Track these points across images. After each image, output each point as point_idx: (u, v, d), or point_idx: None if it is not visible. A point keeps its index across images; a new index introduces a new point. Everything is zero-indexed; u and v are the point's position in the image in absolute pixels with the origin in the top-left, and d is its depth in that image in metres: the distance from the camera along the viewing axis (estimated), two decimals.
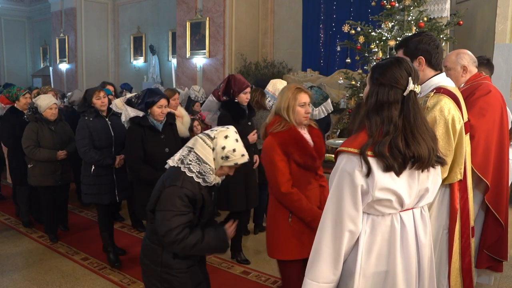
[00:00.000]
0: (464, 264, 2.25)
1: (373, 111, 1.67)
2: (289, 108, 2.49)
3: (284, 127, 2.48)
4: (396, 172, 1.61)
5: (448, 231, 2.19)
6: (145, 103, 3.36)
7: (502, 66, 5.64)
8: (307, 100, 2.55)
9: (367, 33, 5.63)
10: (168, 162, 2.22)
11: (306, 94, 2.54)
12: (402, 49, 2.29)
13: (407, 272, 1.68)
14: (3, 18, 17.52)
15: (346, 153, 1.65)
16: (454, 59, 2.96)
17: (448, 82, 2.29)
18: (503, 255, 2.95)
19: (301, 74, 9.31)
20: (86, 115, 3.91)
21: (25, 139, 4.28)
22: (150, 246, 2.24)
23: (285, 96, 2.53)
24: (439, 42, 2.29)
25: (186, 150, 2.17)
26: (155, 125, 3.41)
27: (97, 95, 3.92)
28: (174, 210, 2.07)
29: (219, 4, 9.82)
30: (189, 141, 2.21)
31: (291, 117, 2.49)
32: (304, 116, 2.53)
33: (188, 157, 2.12)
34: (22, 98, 4.89)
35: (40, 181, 4.34)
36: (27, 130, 4.31)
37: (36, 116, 4.34)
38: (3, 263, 3.97)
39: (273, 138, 2.49)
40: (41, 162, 4.29)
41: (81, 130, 3.86)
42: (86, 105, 3.96)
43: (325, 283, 1.69)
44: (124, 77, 14.15)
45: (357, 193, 1.61)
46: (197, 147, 2.13)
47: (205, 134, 2.17)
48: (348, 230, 1.64)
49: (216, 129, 2.20)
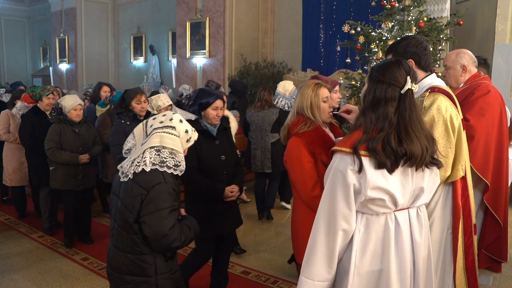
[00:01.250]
0: (468, 263, 2.24)
1: (369, 108, 1.69)
2: (313, 106, 2.38)
3: (310, 127, 2.37)
4: (388, 169, 1.62)
5: (452, 229, 2.19)
6: (199, 105, 2.96)
7: (502, 66, 5.64)
8: (328, 94, 2.44)
9: (367, 33, 5.62)
10: (131, 171, 2.02)
11: (326, 88, 2.44)
12: (391, 54, 2.31)
13: (402, 272, 1.69)
14: (3, 18, 17.53)
15: (339, 153, 1.68)
16: (454, 58, 2.97)
17: (439, 82, 2.30)
18: (503, 256, 2.95)
19: (301, 74, 9.30)
20: (123, 118, 3.60)
21: (47, 140, 4.14)
22: (135, 261, 2.04)
23: (305, 94, 2.42)
24: (427, 44, 2.31)
25: (154, 151, 2.02)
26: (208, 129, 2.99)
27: (138, 99, 3.63)
28: (169, 207, 2.00)
29: (219, 4, 9.83)
30: (148, 142, 2.04)
31: (317, 115, 2.39)
32: (329, 112, 2.43)
33: (160, 156, 2.03)
34: (45, 98, 4.71)
35: (61, 185, 4.19)
36: (50, 131, 4.17)
37: (60, 117, 4.19)
38: (3, 263, 3.97)
39: (299, 139, 2.36)
40: (63, 165, 4.14)
41: (117, 135, 3.50)
42: (124, 107, 3.67)
43: (320, 281, 1.70)
44: (124, 77, 14.17)
45: (349, 192, 1.63)
46: (167, 141, 2.04)
47: (163, 127, 2.06)
48: (342, 229, 1.66)
49: (163, 119, 2.09)
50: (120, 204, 2.06)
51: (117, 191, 2.11)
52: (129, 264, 2.06)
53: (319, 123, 2.40)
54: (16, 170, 5.16)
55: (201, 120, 2.97)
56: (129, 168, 2.03)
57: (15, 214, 5.35)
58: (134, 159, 2.04)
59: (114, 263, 2.10)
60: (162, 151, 2.03)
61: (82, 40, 13.94)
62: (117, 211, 2.07)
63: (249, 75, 9.80)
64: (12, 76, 16.86)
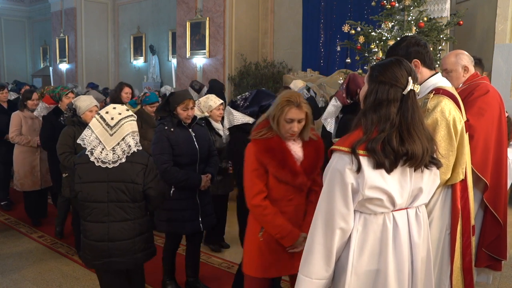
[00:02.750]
0: (465, 263, 2.25)
1: (370, 109, 1.68)
2: (275, 118, 2.26)
3: (267, 135, 2.28)
4: (386, 169, 1.62)
5: (450, 231, 2.20)
6: (260, 107, 2.71)
7: (502, 66, 5.64)
8: (296, 116, 2.24)
9: (367, 33, 5.62)
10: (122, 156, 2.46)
11: (297, 109, 2.23)
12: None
13: (399, 272, 1.69)
14: (3, 18, 17.54)
15: (338, 152, 1.67)
16: (454, 61, 2.96)
17: (445, 82, 2.29)
18: (503, 254, 2.96)
19: (301, 74, 9.30)
20: (166, 124, 3.17)
21: (60, 144, 3.81)
22: (142, 223, 2.57)
23: (276, 103, 2.29)
24: (425, 41, 2.29)
25: (130, 136, 2.47)
26: None
27: (185, 105, 3.16)
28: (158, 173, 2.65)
29: (219, 4, 9.83)
30: (121, 131, 2.44)
31: (276, 128, 2.27)
32: (289, 133, 2.27)
33: (134, 139, 2.50)
34: (65, 98, 4.46)
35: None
36: (63, 134, 3.84)
37: (74, 119, 3.85)
38: (3, 263, 3.98)
39: (252, 145, 2.30)
40: None
41: (160, 142, 3.12)
42: (167, 111, 3.23)
43: (318, 279, 1.71)
44: (124, 77, 14.15)
45: (347, 191, 1.63)
46: (134, 127, 2.50)
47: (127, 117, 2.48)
48: (339, 228, 1.66)
49: (120, 111, 2.49)
50: (121, 184, 2.45)
51: (104, 178, 2.45)
52: (138, 227, 2.54)
53: (280, 135, 2.30)
54: (28, 174, 4.89)
55: None
56: (118, 155, 2.44)
57: (15, 214, 5.35)
58: (115, 147, 2.44)
59: (124, 234, 2.49)
60: (134, 135, 2.51)
61: (82, 40, 13.94)
62: (117, 191, 2.45)
63: (249, 75, 9.79)
64: (12, 76, 16.85)
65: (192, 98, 3.24)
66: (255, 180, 2.28)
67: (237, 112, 2.77)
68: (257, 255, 2.35)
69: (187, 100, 3.14)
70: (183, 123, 3.19)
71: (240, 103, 2.76)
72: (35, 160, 4.86)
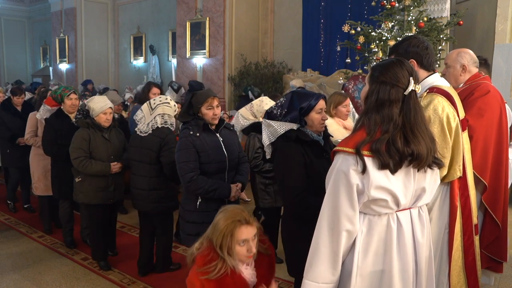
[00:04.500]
0: (468, 262, 2.24)
1: (372, 110, 1.66)
2: (224, 248, 1.86)
3: (221, 271, 1.86)
4: (391, 170, 1.61)
5: (449, 229, 2.19)
6: (299, 109, 2.34)
7: (502, 66, 5.64)
8: (249, 235, 1.88)
9: (367, 33, 5.63)
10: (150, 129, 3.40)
11: (248, 227, 1.89)
12: (393, 56, 2.30)
13: (404, 272, 1.69)
14: (3, 18, 17.54)
15: (342, 153, 1.65)
16: (454, 57, 2.97)
17: (442, 81, 2.30)
18: (503, 255, 2.95)
19: (301, 74, 9.31)
20: (191, 129, 2.87)
21: (74, 148, 3.59)
22: (156, 180, 3.43)
23: (219, 229, 1.88)
24: (428, 43, 2.30)
25: (160, 116, 3.42)
26: (315, 138, 2.34)
27: (209, 104, 2.86)
28: (173, 147, 3.22)
29: (219, 4, 9.83)
30: (155, 112, 3.42)
31: (228, 258, 1.87)
32: (246, 256, 1.91)
33: (163, 118, 3.44)
34: (67, 99, 4.15)
35: (90, 198, 3.66)
36: (77, 138, 3.61)
37: (87, 121, 3.67)
38: (3, 263, 3.97)
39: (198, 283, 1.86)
40: (92, 176, 3.63)
41: (185, 149, 2.83)
42: (191, 114, 2.92)
43: (325, 283, 1.68)
44: (124, 77, 14.18)
45: (353, 193, 1.61)
46: (165, 110, 3.46)
47: (163, 103, 3.47)
48: (345, 230, 1.64)
49: (161, 99, 3.49)
50: (144, 150, 3.39)
51: (137, 144, 3.44)
52: (152, 183, 3.42)
53: (234, 264, 1.89)
54: (41, 177, 4.61)
55: (304, 129, 2.33)
56: (148, 127, 3.40)
57: (15, 214, 5.35)
58: (149, 122, 3.41)
59: (141, 186, 3.44)
60: (164, 116, 3.44)
61: (82, 40, 13.94)
62: (142, 154, 3.40)
63: (249, 75, 9.80)
64: (12, 76, 16.87)
65: (216, 95, 2.96)
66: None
67: (276, 121, 2.37)
68: None
69: (211, 98, 2.85)
70: (210, 126, 2.90)
71: (277, 112, 2.38)
72: (49, 164, 4.46)
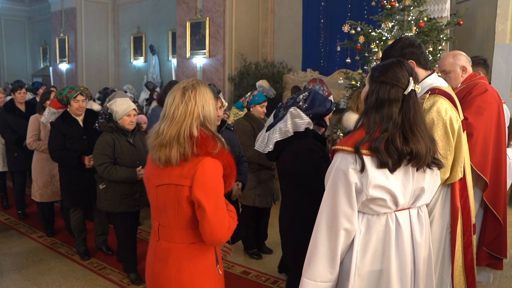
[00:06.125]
0: (467, 262, 2.26)
1: (372, 109, 1.68)
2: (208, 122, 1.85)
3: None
4: (389, 169, 1.61)
5: (451, 230, 2.20)
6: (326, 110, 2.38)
7: (502, 66, 5.64)
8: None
9: (367, 33, 5.62)
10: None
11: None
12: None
13: (402, 272, 1.69)
14: (3, 18, 17.53)
15: (341, 152, 1.67)
16: (452, 62, 2.98)
17: (441, 82, 2.30)
18: (503, 252, 2.98)
19: (301, 74, 9.31)
20: None
21: (98, 154, 3.46)
22: None
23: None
24: (419, 42, 2.31)
25: None
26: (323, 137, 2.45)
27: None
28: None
29: (219, 4, 9.83)
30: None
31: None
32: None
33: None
34: (73, 101, 3.93)
35: (115, 206, 3.52)
36: (101, 143, 3.48)
37: (111, 125, 3.52)
38: (3, 263, 3.98)
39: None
40: (117, 183, 3.48)
41: None
42: None
43: (323, 282, 1.69)
44: (124, 77, 14.17)
45: (351, 191, 1.62)
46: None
47: None
48: (344, 229, 1.65)
49: None
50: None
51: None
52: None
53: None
54: (47, 184, 4.46)
55: (315, 128, 2.40)
56: None
57: (15, 214, 5.35)
58: None
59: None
60: None
61: (82, 40, 13.92)
62: None
63: (249, 75, 9.80)
64: (12, 76, 16.85)
65: (219, 97, 2.84)
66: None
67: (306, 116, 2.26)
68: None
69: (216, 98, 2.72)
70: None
71: (302, 105, 2.27)
72: (55, 169, 4.33)
